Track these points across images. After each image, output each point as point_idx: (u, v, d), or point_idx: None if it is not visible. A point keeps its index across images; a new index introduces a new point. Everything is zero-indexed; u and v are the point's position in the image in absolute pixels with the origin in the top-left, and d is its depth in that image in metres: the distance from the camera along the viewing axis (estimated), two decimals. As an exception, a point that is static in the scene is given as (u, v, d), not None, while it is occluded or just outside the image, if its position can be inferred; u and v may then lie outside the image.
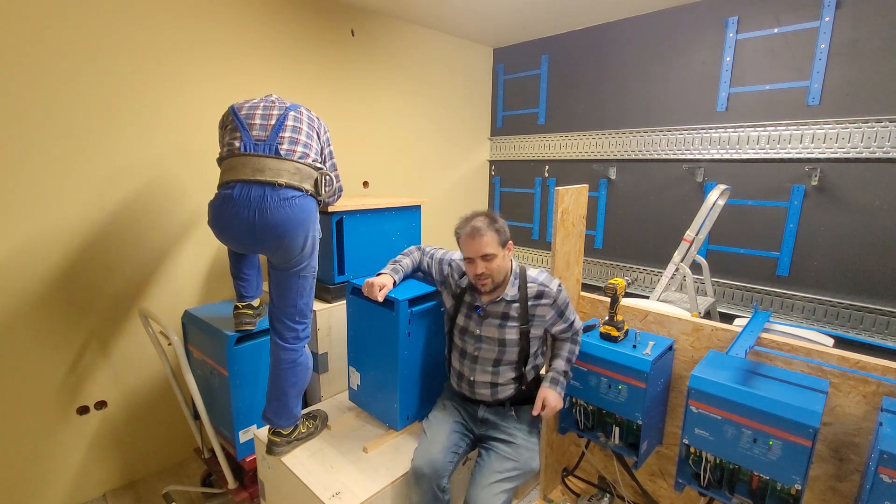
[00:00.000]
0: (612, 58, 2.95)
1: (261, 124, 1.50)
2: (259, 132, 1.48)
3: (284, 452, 1.60)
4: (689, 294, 2.21)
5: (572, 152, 3.22)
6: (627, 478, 1.91)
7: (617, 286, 1.64)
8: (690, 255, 2.28)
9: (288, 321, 1.54)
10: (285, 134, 1.49)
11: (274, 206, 1.40)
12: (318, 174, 1.53)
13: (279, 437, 1.59)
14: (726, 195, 2.24)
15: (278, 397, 1.57)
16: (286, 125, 1.51)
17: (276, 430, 1.59)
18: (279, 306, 1.53)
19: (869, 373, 1.32)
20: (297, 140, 1.50)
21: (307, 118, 1.59)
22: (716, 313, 2.52)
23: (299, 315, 1.55)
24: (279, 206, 1.40)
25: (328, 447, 1.66)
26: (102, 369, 2.05)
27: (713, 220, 2.22)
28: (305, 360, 1.60)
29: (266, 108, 1.54)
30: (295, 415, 1.61)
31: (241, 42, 2.27)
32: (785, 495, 1.27)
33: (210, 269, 2.33)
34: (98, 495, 2.10)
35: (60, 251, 1.88)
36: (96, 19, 1.85)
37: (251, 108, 1.54)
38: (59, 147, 1.83)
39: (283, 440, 1.59)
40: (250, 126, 1.50)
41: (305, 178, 1.49)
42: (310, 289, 1.57)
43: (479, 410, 1.60)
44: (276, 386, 1.57)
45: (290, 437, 1.61)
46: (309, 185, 1.49)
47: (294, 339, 1.56)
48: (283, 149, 1.46)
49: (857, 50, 2.14)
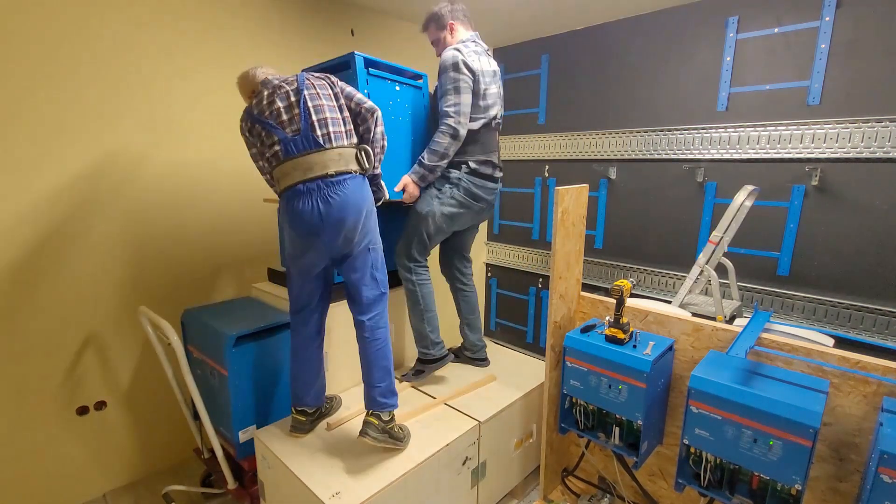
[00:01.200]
0: (612, 58, 2.95)
1: (288, 118, 1.55)
2: (291, 127, 1.55)
3: (380, 441, 1.61)
4: (714, 297, 2.16)
5: (572, 152, 3.21)
6: (627, 478, 1.91)
7: (623, 288, 1.61)
8: (716, 258, 2.23)
9: (376, 291, 1.67)
10: (313, 118, 1.55)
11: (331, 193, 1.53)
12: (357, 149, 1.62)
13: (378, 421, 1.62)
14: (754, 196, 2.19)
15: (384, 377, 1.66)
16: (309, 108, 1.55)
17: (377, 414, 1.63)
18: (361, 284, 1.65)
19: (869, 373, 1.31)
20: (326, 121, 1.56)
21: (318, 89, 1.59)
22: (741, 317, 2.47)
23: (382, 284, 1.69)
24: (335, 192, 1.54)
25: (328, 447, 1.66)
26: (102, 369, 2.05)
27: (739, 221, 2.18)
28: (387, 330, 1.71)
29: (282, 98, 1.57)
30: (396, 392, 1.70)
31: (241, 41, 2.27)
32: (785, 495, 1.27)
33: (210, 270, 2.33)
34: (98, 495, 2.10)
35: (60, 251, 1.88)
36: (95, 16, 1.85)
37: (269, 104, 1.57)
38: (56, 145, 1.83)
39: (381, 424, 1.62)
40: (280, 124, 1.56)
41: (349, 160, 1.59)
42: (382, 262, 1.71)
43: None
44: (379, 365, 1.65)
45: (388, 426, 1.64)
46: (354, 165, 1.60)
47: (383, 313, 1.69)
48: (320, 136, 1.55)
49: (857, 50, 2.13)
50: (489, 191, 2.08)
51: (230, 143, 2.29)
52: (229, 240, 2.37)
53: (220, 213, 2.32)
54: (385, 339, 1.69)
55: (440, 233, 2.05)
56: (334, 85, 1.64)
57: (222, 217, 2.33)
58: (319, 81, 1.61)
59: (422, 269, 2.09)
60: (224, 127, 2.26)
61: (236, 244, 2.39)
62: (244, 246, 2.41)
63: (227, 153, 2.29)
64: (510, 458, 2.07)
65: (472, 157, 2.01)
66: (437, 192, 2.01)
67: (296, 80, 1.60)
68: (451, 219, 2.04)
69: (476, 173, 2.01)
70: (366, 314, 1.67)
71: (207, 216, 2.28)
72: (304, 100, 1.55)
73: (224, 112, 2.24)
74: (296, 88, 1.57)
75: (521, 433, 2.11)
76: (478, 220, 2.21)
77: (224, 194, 2.32)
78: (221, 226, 2.34)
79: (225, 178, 2.31)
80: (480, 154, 2.02)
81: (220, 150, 2.27)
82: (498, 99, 2.09)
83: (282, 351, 1.92)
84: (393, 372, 1.70)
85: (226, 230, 2.35)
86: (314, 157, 1.53)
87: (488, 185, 2.07)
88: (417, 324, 2.12)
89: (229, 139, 2.29)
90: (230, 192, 2.34)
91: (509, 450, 2.05)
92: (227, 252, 2.37)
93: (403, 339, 2.35)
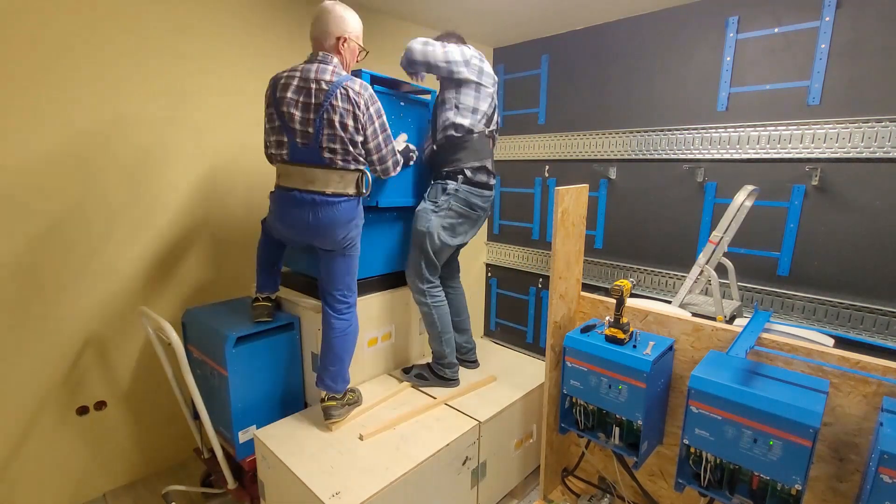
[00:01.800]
0: (612, 58, 2.95)
1: (301, 122, 1.59)
2: (302, 136, 1.61)
3: (342, 415, 1.77)
4: (714, 297, 2.16)
5: (572, 152, 3.22)
6: (627, 478, 1.91)
7: (623, 287, 1.62)
8: (716, 258, 2.23)
9: (339, 295, 1.77)
10: (325, 132, 1.60)
11: (324, 209, 1.64)
12: (359, 174, 1.69)
13: (335, 402, 1.76)
14: (754, 196, 2.19)
15: (335, 363, 1.76)
16: (324, 121, 1.59)
17: (332, 396, 1.76)
18: (331, 283, 1.76)
19: (869, 373, 1.31)
20: (336, 138, 1.61)
21: (342, 108, 1.59)
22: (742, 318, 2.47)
23: (347, 290, 1.79)
24: (328, 210, 1.64)
25: (328, 447, 1.66)
26: (102, 369, 2.05)
27: (740, 221, 2.18)
28: (355, 329, 1.83)
29: (306, 95, 1.59)
30: (348, 379, 1.82)
31: (240, 41, 2.27)
32: (785, 495, 1.27)
33: (210, 269, 2.33)
34: (98, 495, 2.10)
35: (60, 251, 1.88)
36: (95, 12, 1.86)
37: (294, 92, 1.59)
38: (56, 144, 1.83)
39: (338, 403, 1.76)
40: (292, 130, 1.61)
41: (349, 184, 1.67)
42: (355, 267, 1.81)
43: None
44: (333, 353, 1.76)
45: (344, 400, 1.79)
46: (352, 188, 1.68)
47: (346, 310, 1.79)
48: (327, 156, 1.62)
49: (857, 50, 2.13)
50: (486, 198, 2.09)
51: (231, 143, 2.30)
52: (229, 240, 2.37)
53: (221, 212, 2.32)
54: (344, 332, 1.77)
55: (445, 247, 2.04)
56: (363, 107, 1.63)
57: (223, 217, 2.33)
58: (346, 105, 1.59)
59: (436, 291, 2.09)
60: (226, 129, 2.26)
61: (236, 244, 2.39)
62: (244, 246, 2.41)
63: (229, 154, 2.30)
64: (510, 458, 2.07)
65: (467, 165, 2.00)
66: (432, 207, 2.00)
67: (327, 88, 1.57)
68: (451, 230, 2.03)
69: (472, 182, 2.02)
70: (333, 310, 1.77)
71: (208, 216, 2.28)
72: (323, 111, 1.57)
73: (227, 114, 2.24)
74: (323, 97, 1.57)
75: (521, 433, 2.11)
76: (476, 229, 2.20)
77: (224, 194, 2.32)
78: (222, 225, 2.34)
79: (225, 178, 2.31)
80: (475, 160, 2.02)
81: (220, 150, 2.27)
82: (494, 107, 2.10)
83: (282, 351, 1.92)
84: (346, 362, 1.80)
85: (226, 230, 2.35)
86: (317, 173, 1.62)
87: (484, 192, 2.07)
88: (437, 346, 2.14)
89: (231, 141, 2.29)
90: (230, 192, 2.34)
91: (509, 450, 2.05)
92: (227, 252, 2.37)
93: (407, 338, 2.34)
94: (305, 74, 1.60)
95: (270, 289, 1.96)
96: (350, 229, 1.71)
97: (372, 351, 2.14)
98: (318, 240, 1.71)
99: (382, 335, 2.17)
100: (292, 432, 1.75)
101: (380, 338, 2.16)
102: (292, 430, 1.76)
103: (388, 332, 2.19)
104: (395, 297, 2.18)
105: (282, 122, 1.61)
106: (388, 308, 2.16)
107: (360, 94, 1.62)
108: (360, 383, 2.08)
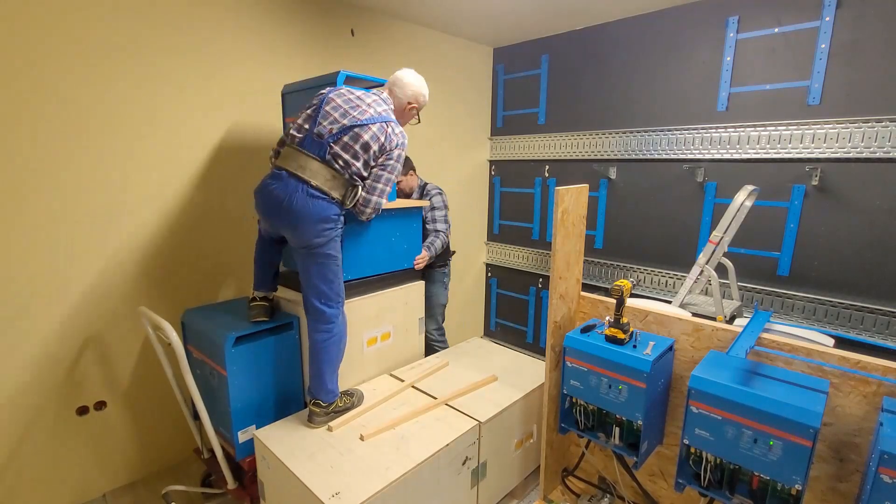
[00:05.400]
0: (612, 58, 2.95)
1: (330, 122, 1.66)
2: (322, 132, 1.65)
3: (322, 423, 1.76)
4: (714, 297, 2.16)
5: (572, 152, 3.22)
6: (627, 478, 1.91)
7: (623, 288, 1.62)
8: (716, 258, 2.23)
9: (313, 300, 1.72)
10: (344, 139, 1.66)
11: (300, 198, 1.62)
12: (350, 186, 1.69)
13: (318, 408, 1.75)
14: (754, 196, 2.19)
15: (315, 375, 1.76)
16: (351, 132, 1.66)
17: (316, 402, 1.76)
18: (304, 285, 1.74)
19: (869, 373, 1.31)
20: (350, 149, 1.66)
21: (376, 133, 1.69)
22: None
23: (323, 297, 1.72)
24: (304, 200, 1.63)
25: (328, 447, 1.66)
26: (102, 369, 2.05)
27: (740, 221, 2.18)
28: (337, 340, 1.78)
29: (353, 108, 1.69)
30: (331, 390, 1.78)
31: (240, 42, 2.27)
32: (785, 495, 1.27)
33: (210, 269, 2.33)
34: (98, 495, 2.10)
35: (59, 251, 1.88)
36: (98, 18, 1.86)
37: (347, 101, 1.70)
38: (60, 150, 1.83)
39: (321, 410, 1.76)
40: (318, 123, 1.66)
41: (337, 187, 1.67)
42: (331, 275, 1.73)
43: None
44: (313, 364, 1.77)
45: (329, 408, 1.77)
46: (338, 193, 1.67)
47: (321, 320, 1.73)
48: (332, 153, 1.65)
49: (857, 50, 2.13)
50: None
51: (230, 144, 2.30)
52: (230, 239, 2.37)
53: (221, 212, 2.32)
54: (323, 344, 1.74)
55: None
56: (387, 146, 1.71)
57: (223, 217, 2.33)
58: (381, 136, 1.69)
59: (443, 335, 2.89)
60: (222, 130, 2.26)
61: (236, 244, 2.39)
62: (244, 246, 2.41)
63: (228, 155, 2.29)
64: (510, 458, 2.07)
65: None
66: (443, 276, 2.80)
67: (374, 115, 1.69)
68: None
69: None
70: (310, 322, 1.76)
71: (208, 216, 2.28)
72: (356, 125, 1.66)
73: (222, 115, 2.24)
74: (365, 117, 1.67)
75: (522, 433, 2.10)
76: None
77: (224, 194, 2.32)
78: (222, 225, 2.33)
79: (225, 177, 2.31)
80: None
81: (220, 151, 2.27)
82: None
83: (281, 351, 1.92)
84: (327, 373, 1.76)
85: (226, 230, 2.35)
86: (313, 164, 1.65)
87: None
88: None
89: (229, 142, 2.29)
90: (230, 192, 2.34)
91: (509, 450, 2.05)
92: (227, 252, 2.37)
93: (406, 338, 2.33)
94: (365, 97, 1.74)
95: (267, 289, 1.95)
96: (319, 232, 1.66)
97: (372, 351, 2.14)
98: (289, 230, 1.68)
99: (382, 335, 2.17)
100: (292, 432, 1.75)
101: (379, 338, 2.16)
102: (292, 430, 1.76)
103: (387, 331, 2.19)
104: (394, 296, 2.18)
105: (316, 115, 1.68)
106: (387, 308, 2.16)
107: (398, 135, 1.75)
108: (360, 383, 2.08)
